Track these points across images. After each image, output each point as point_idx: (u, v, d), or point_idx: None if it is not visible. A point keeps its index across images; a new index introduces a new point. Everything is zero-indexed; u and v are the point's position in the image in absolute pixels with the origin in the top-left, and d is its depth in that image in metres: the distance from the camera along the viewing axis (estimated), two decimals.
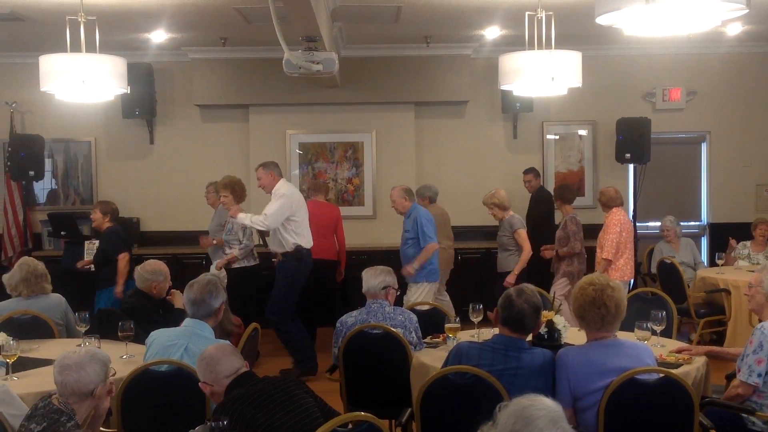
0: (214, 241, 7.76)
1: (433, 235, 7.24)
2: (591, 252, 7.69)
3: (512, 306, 3.88)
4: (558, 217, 8.32)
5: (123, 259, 7.20)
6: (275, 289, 7.18)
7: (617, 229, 7.27)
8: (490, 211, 7.65)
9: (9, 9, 7.09)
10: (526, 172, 9.30)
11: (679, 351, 4.47)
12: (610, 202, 7.46)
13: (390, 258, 8.06)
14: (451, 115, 10.01)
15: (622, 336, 4.04)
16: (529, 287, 4.02)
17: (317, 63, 6.46)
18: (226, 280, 7.31)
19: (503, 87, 6.25)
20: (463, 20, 8.09)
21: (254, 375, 3.40)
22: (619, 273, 7.22)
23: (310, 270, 7.28)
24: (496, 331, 4.04)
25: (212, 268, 7.64)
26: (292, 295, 7.16)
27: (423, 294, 7.17)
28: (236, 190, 7.34)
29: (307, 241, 7.19)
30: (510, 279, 7.19)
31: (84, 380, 3.12)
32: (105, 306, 6.84)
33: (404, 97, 9.68)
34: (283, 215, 6.99)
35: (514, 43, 7.64)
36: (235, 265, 7.44)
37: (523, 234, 7.48)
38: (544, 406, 2.23)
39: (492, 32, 8.68)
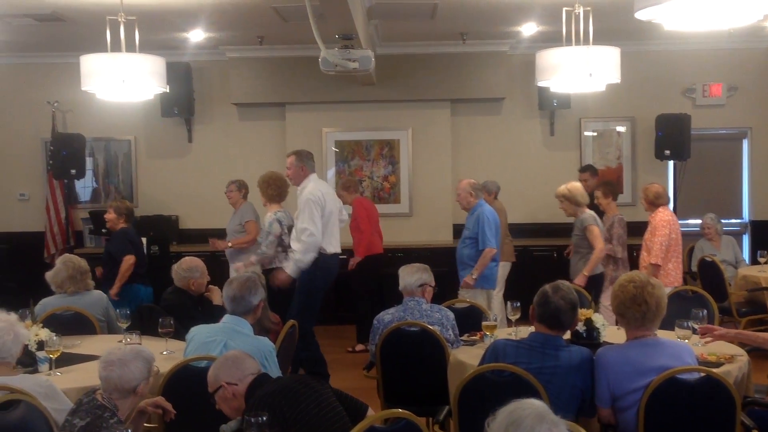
0: (229, 244, 7.67)
1: (492, 238, 6.75)
2: (634, 252, 7.58)
3: (548, 303, 3.85)
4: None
5: (126, 261, 6.90)
6: (294, 297, 6.55)
7: (666, 230, 6.74)
8: (561, 206, 7.01)
9: (50, 9, 7.21)
10: (583, 170, 9.08)
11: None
12: (657, 199, 6.90)
13: (426, 256, 8.03)
14: (487, 112, 9.97)
15: (663, 335, 4.00)
16: (565, 284, 3.99)
17: (354, 61, 6.47)
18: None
19: (540, 83, 6.22)
20: (500, 16, 8.05)
21: (269, 376, 3.42)
22: (669, 278, 6.71)
23: (335, 274, 6.70)
24: (533, 329, 4.02)
25: (232, 271, 7.41)
26: (310, 304, 6.50)
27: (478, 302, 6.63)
28: (263, 188, 7.01)
29: (330, 245, 6.56)
30: (579, 281, 6.52)
31: (127, 377, 3.17)
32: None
33: (440, 94, 9.66)
34: (318, 221, 6.40)
35: (551, 39, 7.58)
36: (273, 266, 6.89)
37: (594, 231, 6.72)
38: (529, 405, 2.26)
39: (529, 28, 8.63)
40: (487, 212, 6.86)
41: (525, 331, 4.47)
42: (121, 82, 5.71)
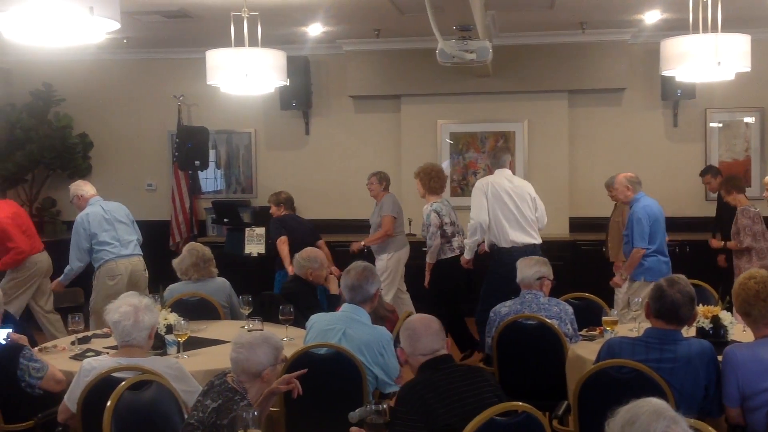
0: (362, 243, 7.87)
1: (639, 238, 6.38)
2: None
3: (664, 297, 3.75)
4: None
5: (280, 242, 7.52)
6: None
7: None
8: None
9: (178, 6, 7.48)
10: (703, 173, 8.69)
11: None
12: None
13: (542, 249, 7.92)
14: (606, 103, 9.72)
15: None
16: (682, 277, 3.87)
17: (471, 52, 6.45)
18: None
19: (665, 73, 6.01)
20: (622, 4, 7.84)
21: (451, 359, 3.32)
22: None
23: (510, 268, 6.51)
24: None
25: (378, 263, 7.66)
26: (488, 292, 6.57)
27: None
28: (425, 180, 7.28)
29: (502, 239, 6.74)
30: None
31: (253, 360, 3.26)
32: (280, 284, 7.18)
33: (558, 85, 9.49)
34: (480, 207, 6.72)
35: (676, 27, 7.33)
36: (441, 257, 7.17)
37: None
38: (646, 402, 2.18)
39: (652, 16, 8.35)
40: (638, 209, 6.49)
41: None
42: (244, 76, 5.85)
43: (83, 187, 7.03)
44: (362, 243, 7.93)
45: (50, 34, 3.69)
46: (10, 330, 4.28)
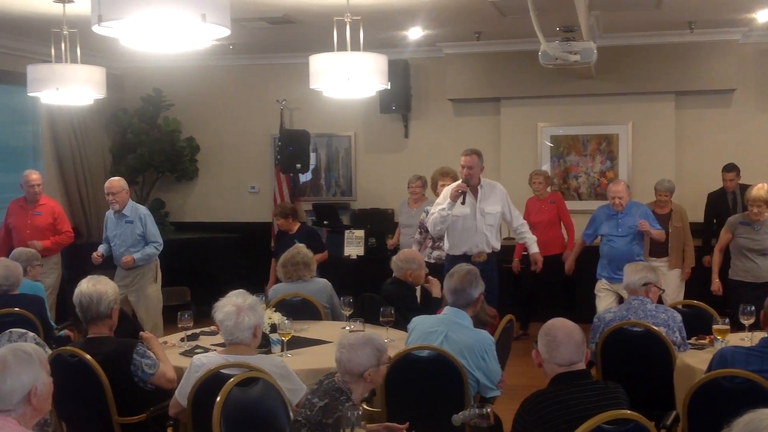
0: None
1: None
2: None
3: None
4: None
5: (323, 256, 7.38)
6: None
7: None
8: None
9: (282, 12, 7.63)
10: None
11: None
12: None
13: None
14: (715, 104, 9.39)
15: None
16: None
17: (575, 53, 6.36)
18: None
19: None
20: (732, 3, 7.56)
21: (587, 375, 3.20)
22: None
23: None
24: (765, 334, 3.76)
25: None
26: None
27: None
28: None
29: None
30: None
31: (355, 361, 3.28)
32: None
33: (664, 86, 9.22)
34: None
35: None
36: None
37: None
38: (767, 414, 2.06)
39: (765, 15, 8.03)
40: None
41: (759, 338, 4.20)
42: (346, 80, 5.92)
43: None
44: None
45: (163, 41, 3.83)
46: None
